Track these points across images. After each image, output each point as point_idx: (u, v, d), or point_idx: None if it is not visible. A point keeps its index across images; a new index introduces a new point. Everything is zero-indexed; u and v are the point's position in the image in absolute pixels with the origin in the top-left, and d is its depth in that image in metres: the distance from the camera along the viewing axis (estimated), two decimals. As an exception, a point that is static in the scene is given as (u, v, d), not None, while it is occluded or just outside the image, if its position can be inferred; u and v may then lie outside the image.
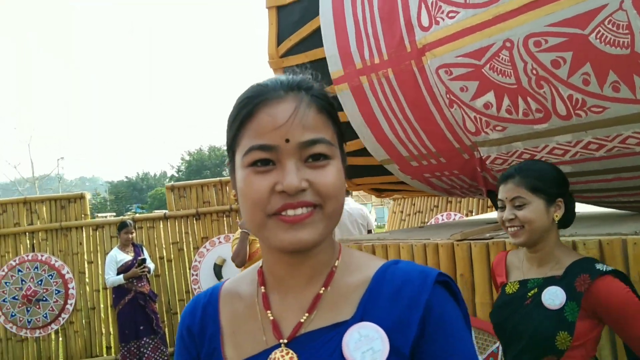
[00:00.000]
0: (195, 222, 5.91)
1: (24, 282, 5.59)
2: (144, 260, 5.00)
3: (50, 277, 5.65)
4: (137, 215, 6.15)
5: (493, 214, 3.33)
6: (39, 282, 5.61)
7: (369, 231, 4.21)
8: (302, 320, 0.74)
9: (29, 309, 5.56)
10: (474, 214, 5.58)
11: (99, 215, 24.59)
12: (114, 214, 27.14)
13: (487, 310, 1.77)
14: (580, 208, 2.89)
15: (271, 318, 0.76)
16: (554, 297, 1.38)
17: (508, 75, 1.94)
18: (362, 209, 4.41)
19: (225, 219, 5.90)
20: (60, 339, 5.74)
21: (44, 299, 5.60)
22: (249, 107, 0.72)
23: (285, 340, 0.73)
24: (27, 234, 5.84)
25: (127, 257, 5.02)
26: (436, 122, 2.31)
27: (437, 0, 2.07)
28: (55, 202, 5.93)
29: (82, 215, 5.94)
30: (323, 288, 0.76)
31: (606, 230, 1.65)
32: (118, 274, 4.93)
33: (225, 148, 0.82)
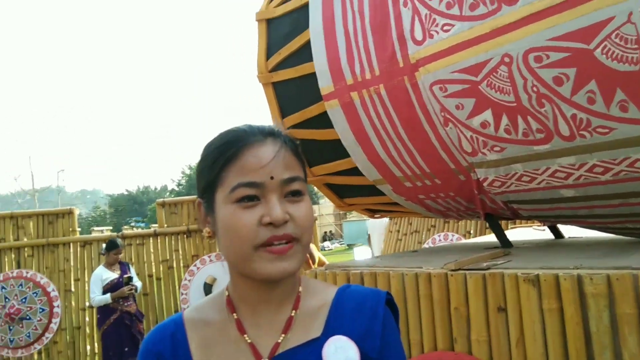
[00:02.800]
0: (185, 239, 5.75)
1: (7, 300, 5.42)
2: (130, 279, 4.83)
3: (35, 294, 5.48)
4: (126, 232, 5.99)
5: (492, 237, 3.18)
6: (23, 300, 5.44)
7: None
8: (279, 341, 0.82)
9: (11, 327, 5.39)
10: (472, 235, 5.42)
11: (96, 228, 24.39)
12: (111, 227, 26.90)
13: (484, 348, 1.62)
14: (583, 233, 2.75)
15: (249, 341, 0.83)
16: None
17: (507, 92, 1.81)
18: None
19: (216, 237, 5.73)
20: (44, 359, 5.55)
21: (28, 317, 5.43)
22: (233, 149, 0.80)
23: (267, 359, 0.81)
24: (12, 249, 5.68)
25: (113, 275, 4.87)
26: (430, 141, 2.18)
27: (432, 12, 1.94)
28: (43, 217, 5.79)
29: (70, 231, 5.78)
30: (294, 311, 0.86)
31: (613, 263, 1.50)
32: (104, 292, 4.77)
33: None
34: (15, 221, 5.73)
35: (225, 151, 0.81)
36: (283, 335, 0.83)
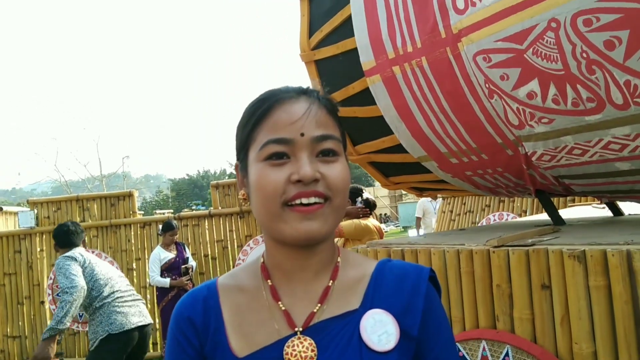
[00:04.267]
0: (239, 220, 5.88)
1: (76, 277, 5.74)
2: (187, 270, 5.02)
3: (101, 272, 5.77)
4: (182, 213, 6.20)
5: (546, 215, 3.05)
6: (90, 278, 5.74)
7: None
8: (314, 311, 0.80)
9: (80, 303, 5.70)
10: (527, 214, 5.22)
11: (159, 212, 25.37)
12: (172, 211, 27.90)
13: (527, 327, 1.56)
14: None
15: (283, 308, 0.81)
16: None
17: (554, 60, 1.71)
18: None
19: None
20: (110, 333, 5.87)
21: (94, 294, 5.72)
22: (265, 105, 0.79)
23: (301, 329, 0.78)
24: (79, 230, 6.01)
25: (170, 254, 5.07)
26: (475, 114, 2.10)
27: (474, -22, 1.86)
28: (106, 200, 6.08)
29: (131, 213, 6.04)
30: (331, 281, 0.83)
31: (669, 239, 1.40)
32: (162, 271, 4.97)
33: None
34: (81, 204, 6.07)
35: (257, 108, 0.80)
36: (319, 305, 0.80)
